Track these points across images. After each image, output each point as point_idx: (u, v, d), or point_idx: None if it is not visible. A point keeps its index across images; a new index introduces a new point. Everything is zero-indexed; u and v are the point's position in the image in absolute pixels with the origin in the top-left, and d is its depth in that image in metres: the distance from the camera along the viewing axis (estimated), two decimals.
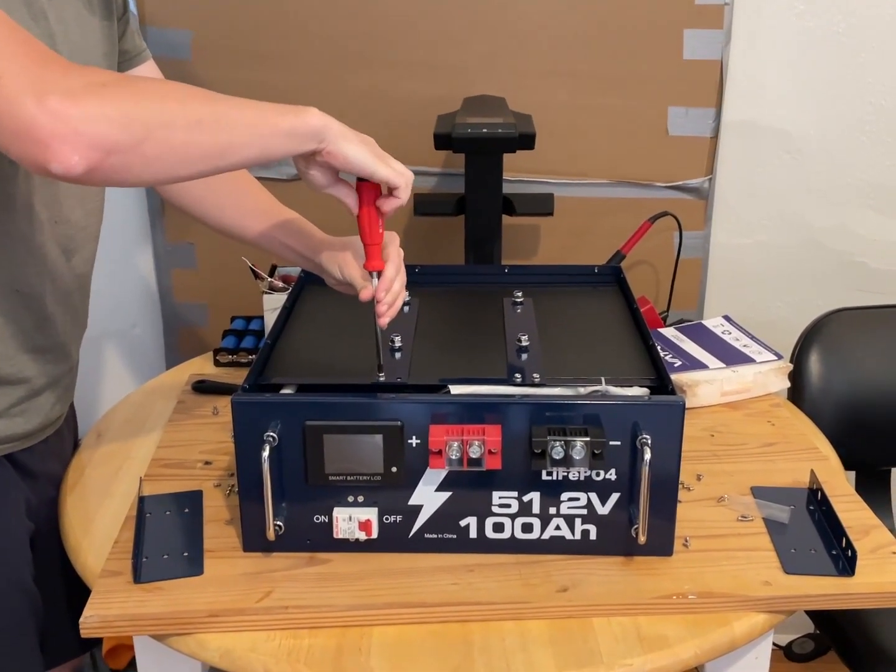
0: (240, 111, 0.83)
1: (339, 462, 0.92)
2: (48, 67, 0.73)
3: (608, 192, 1.65)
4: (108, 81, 0.76)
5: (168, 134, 0.77)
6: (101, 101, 0.73)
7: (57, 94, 0.71)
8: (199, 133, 0.79)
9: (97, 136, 0.72)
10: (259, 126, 0.83)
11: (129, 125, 0.74)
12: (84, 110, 0.72)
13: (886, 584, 0.92)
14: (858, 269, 1.69)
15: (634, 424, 0.91)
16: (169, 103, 0.78)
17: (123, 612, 0.88)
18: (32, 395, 1.04)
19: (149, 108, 0.76)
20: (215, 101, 0.82)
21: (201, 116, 0.79)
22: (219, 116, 0.81)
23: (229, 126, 0.81)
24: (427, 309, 1.18)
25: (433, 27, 1.57)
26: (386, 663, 0.84)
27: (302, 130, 0.84)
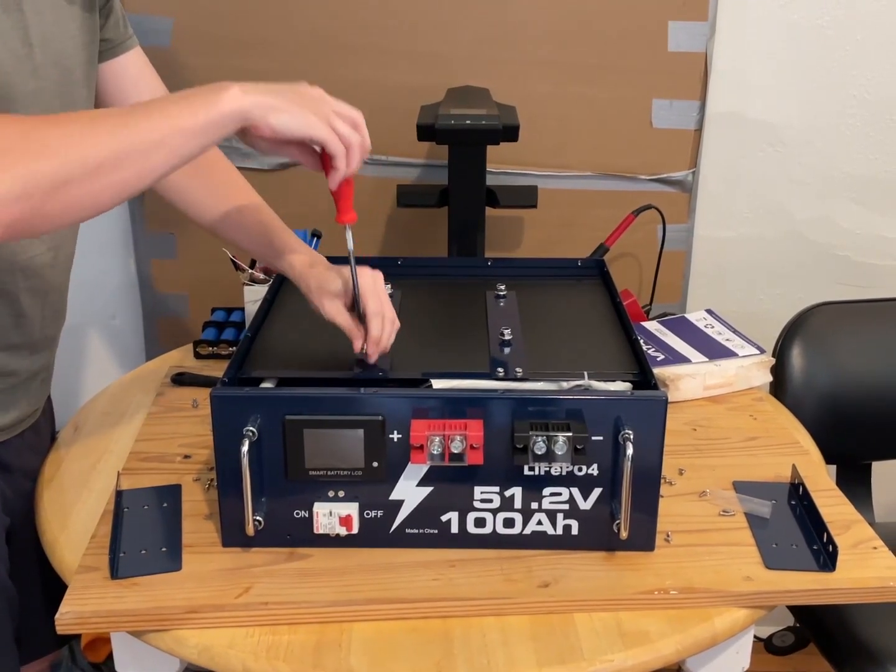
0: (146, 128, 0.78)
1: (320, 457, 0.91)
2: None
3: (592, 185, 1.64)
4: (7, 147, 0.73)
5: (69, 190, 0.75)
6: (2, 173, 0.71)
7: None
8: (101, 178, 0.76)
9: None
10: (168, 138, 0.79)
11: (28, 196, 0.73)
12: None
13: (867, 579, 0.92)
14: (841, 263, 1.69)
15: (617, 419, 0.90)
16: (64, 157, 0.75)
17: (100, 608, 0.87)
18: (8, 390, 1.03)
19: (43, 172, 0.73)
20: (114, 133, 0.77)
21: (100, 160, 0.76)
22: (121, 150, 0.77)
23: (135, 155, 0.77)
24: (409, 302, 1.17)
25: (417, 16, 1.55)
26: (366, 659, 0.84)
27: (217, 121, 0.80)
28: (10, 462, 1.07)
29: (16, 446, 1.08)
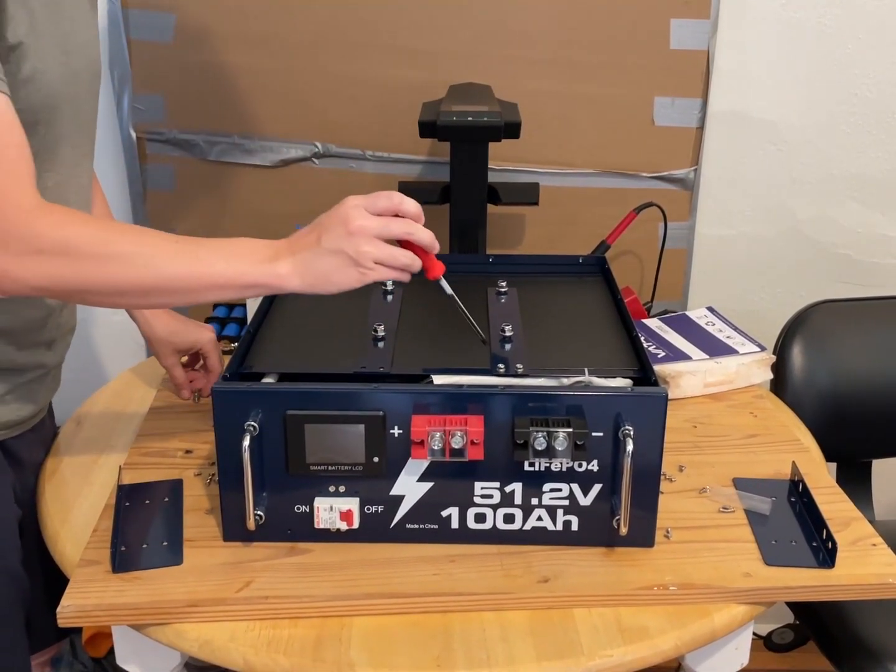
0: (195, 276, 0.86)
1: (321, 452, 0.91)
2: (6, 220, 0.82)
3: (594, 182, 1.64)
4: (43, 245, 0.82)
5: (96, 298, 0.87)
6: (25, 269, 0.83)
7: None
8: (129, 298, 0.88)
9: (16, 292, 0.85)
10: (208, 291, 0.87)
11: (50, 290, 0.86)
12: (7, 274, 0.83)
13: (866, 576, 0.92)
14: (842, 261, 1.69)
15: (617, 415, 0.90)
16: (98, 274, 0.84)
17: (101, 601, 0.87)
18: (28, 383, 1.04)
19: (71, 279, 0.84)
20: (159, 266, 0.85)
21: (135, 286, 0.85)
22: (156, 285, 0.86)
23: (167, 290, 0.86)
24: (411, 298, 1.17)
25: (420, 13, 1.55)
26: (366, 654, 0.84)
27: (258, 290, 0.88)
28: (22, 456, 1.08)
29: (28, 440, 1.09)
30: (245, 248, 0.88)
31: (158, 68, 1.56)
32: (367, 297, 1.17)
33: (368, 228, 0.86)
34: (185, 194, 1.63)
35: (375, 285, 1.18)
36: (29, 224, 0.83)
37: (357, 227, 0.86)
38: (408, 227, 0.88)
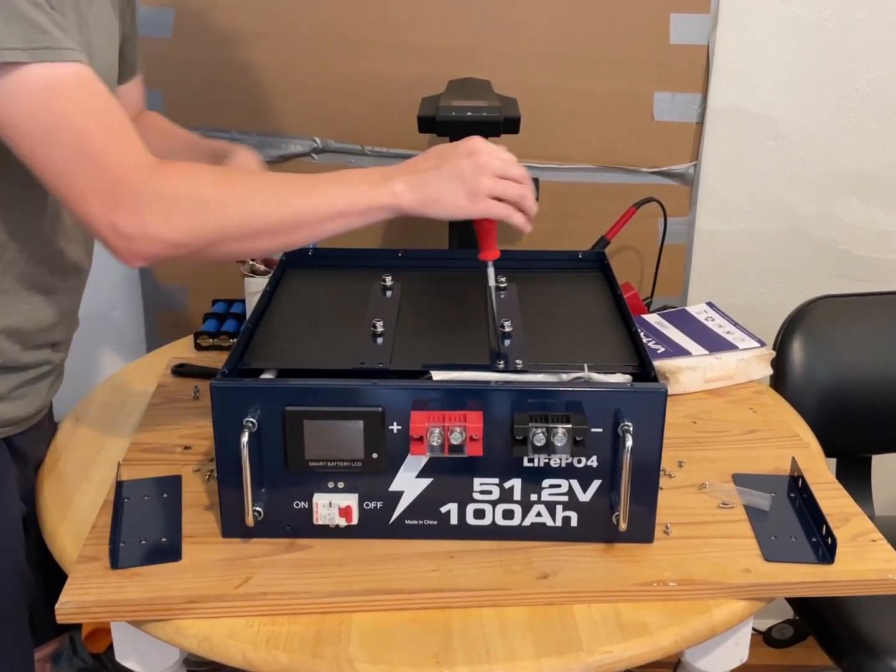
0: (320, 205, 0.87)
1: (320, 448, 0.91)
2: (124, 182, 0.81)
3: (593, 177, 1.64)
4: (175, 197, 0.83)
5: (229, 245, 0.86)
6: (164, 224, 0.82)
7: (126, 217, 0.82)
8: (259, 241, 0.87)
9: (157, 254, 0.84)
10: (332, 219, 0.88)
11: (186, 244, 0.84)
12: (147, 232, 0.82)
13: (865, 572, 0.92)
14: (842, 257, 1.69)
15: (616, 411, 0.90)
16: (230, 218, 0.84)
17: (100, 597, 0.87)
18: (34, 380, 1.04)
19: (208, 228, 0.84)
20: (282, 204, 0.86)
21: (263, 225, 0.86)
22: (283, 222, 0.87)
23: (294, 229, 0.87)
24: (410, 294, 1.17)
25: (419, 8, 1.55)
26: (365, 650, 0.84)
27: (377, 211, 0.88)
28: (27, 453, 1.09)
29: (32, 437, 1.09)
30: (357, 175, 0.89)
31: (157, 64, 1.55)
32: (366, 292, 1.16)
33: (493, 165, 0.90)
34: None
35: (375, 280, 1.18)
36: (155, 181, 0.82)
37: (484, 160, 0.89)
38: (523, 189, 0.92)
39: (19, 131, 0.81)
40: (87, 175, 0.81)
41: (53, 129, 0.80)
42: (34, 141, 0.81)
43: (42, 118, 0.80)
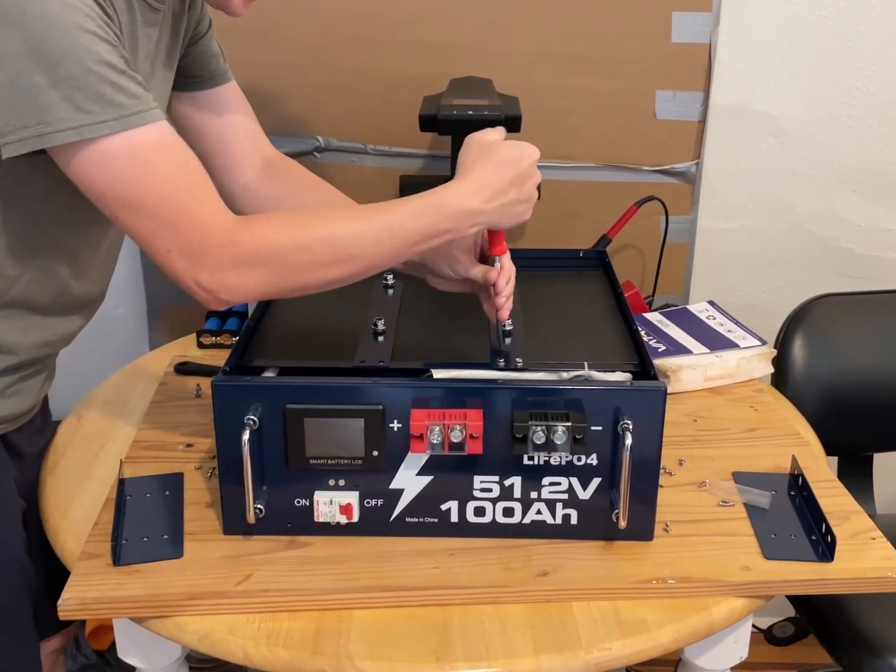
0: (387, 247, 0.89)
1: (320, 445, 0.92)
2: (206, 243, 0.85)
3: (595, 176, 1.64)
4: (254, 258, 0.86)
5: (304, 291, 0.90)
6: (244, 282, 0.86)
7: (208, 275, 0.86)
8: (329, 285, 0.90)
9: (242, 301, 0.90)
10: (417, 244, 0.89)
11: (270, 293, 0.90)
12: (228, 288, 0.86)
13: (865, 570, 0.92)
14: (843, 255, 1.69)
15: (616, 409, 0.90)
16: (308, 276, 0.88)
17: (102, 594, 0.88)
18: (28, 377, 1.05)
19: (286, 284, 0.88)
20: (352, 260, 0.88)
21: (336, 277, 0.89)
22: (353, 272, 0.89)
23: (361, 271, 0.89)
24: (411, 292, 1.17)
25: (420, 7, 1.55)
26: (365, 646, 0.84)
27: (454, 232, 0.89)
28: (23, 448, 1.09)
29: (27, 433, 1.09)
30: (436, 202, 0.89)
31: None
32: (367, 291, 1.17)
33: (535, 169, 0.94)
34: None
35: (376, 279, 1.19)
36: (233, 242, 0.86)
37: (538, 179, 0.94)
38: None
39: (105, 198, 0.84)
40: (171, 236, 0.85)
41: (138, 195, 0.83)
42: (117, 205, 0.84)
43: (127, 187, 0.83)
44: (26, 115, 0.79)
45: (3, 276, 0.96)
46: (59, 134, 0.79)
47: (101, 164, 0.82)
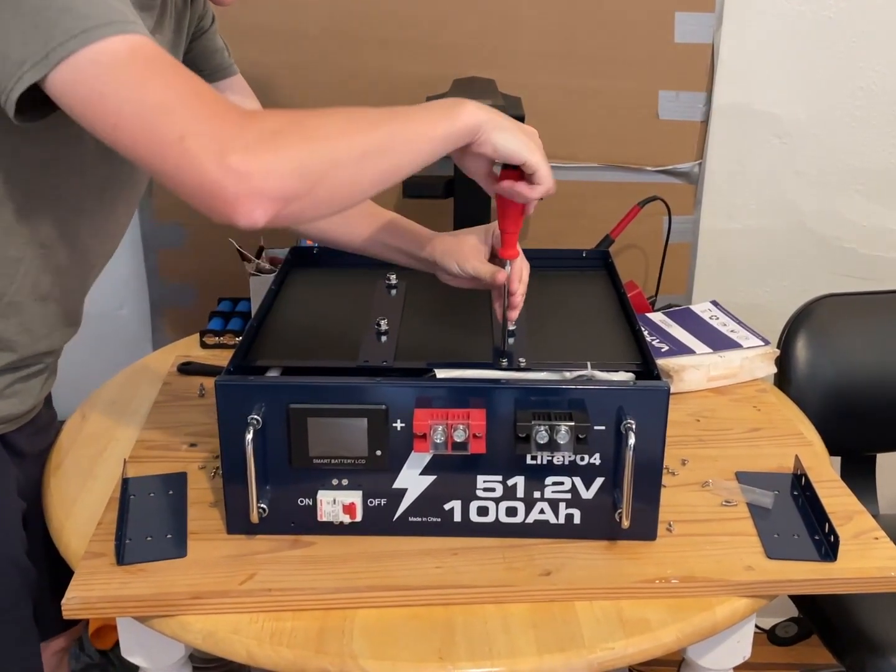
0: (399, 131, 0.84)
1: (324, 445, 0.92)
2: (225, 121, 0.76)
3: (598, 176, 1.64)
4: (279, 128, 0.78)
5: (338, 174, 0.79)
6: (276, 154, 0.76)
7: (237, 153, 0.74)
8: (365, 166, 0.81)
9: (276, 190, 0.76)
10: (418, 141, 0.84)
11: (303, 174, 0.77)
12: (263, 165, 0.75)
13: (868, 570, 0.92)
14: (847, 255, 1.69)
15: (619, 409, 0.91)
16: (336, 142, 0.80)
17: (106, 593, 0.88)
18: (27, 378, 1.05)
19: (319, 153, 0.79)
20: (376, 126, 0.83)
21: (366, 148, 0.81)
22: (381, 143, 0.82)
23: (393, 149, 0.83)
24: (414, 292, 1.17)
25: (423, 7, 1.55)
26: (368, 646, 0.84)
27: (457, 133, 0.85)
28: (24, 448, 1.09)
29: (27, 433, 1.09)
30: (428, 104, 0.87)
31: None
32: (370, 291, 1.17)
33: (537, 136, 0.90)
34: None
35: (380, 279, 1.19)
36: (253, 120, 0.78)
37: (530, 129, 0.90)
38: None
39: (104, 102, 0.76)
40: (184, 115, 0.75)
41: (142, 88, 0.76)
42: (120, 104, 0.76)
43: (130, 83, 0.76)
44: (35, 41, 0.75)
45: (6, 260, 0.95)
46: (65, 45, 0.74)
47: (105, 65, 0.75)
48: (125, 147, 0.77)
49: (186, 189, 0.76)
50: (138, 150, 0.77)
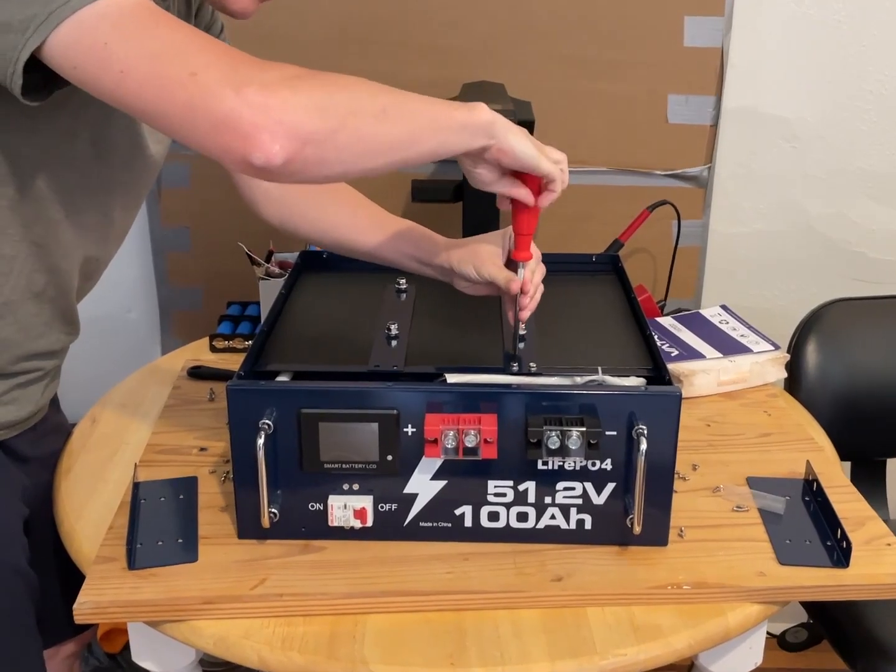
0: (417, 103, 0.83)
1: (335, 450, 0.92)
2: (240, 61, 0.74)
3: (607, 180, 1.64)
4: (299, 74, 0.77)
5: (358, 123, 0.77)
6: (296, 92, 0.74)
7: (254, 85, 0.72)
8: (385, 122, 0.79)
9: (296, 125, 0.73)
10: (437, 118, 0.83)
11: (324, 114, 0.75)
12: (282, 100, 0.73)
13: (880, 576, 0.92)
14: (857, 259, 1.68)
15: (631, 414, 0.90)
16: (357, 92, 0.79)
17: (117, 598, 0.88)
18: (27, 384, 1.04)
19: (340, 98, 0.77)
20: (395, 92, 0.82)
21: (386, 105, 0.80)
22: (401, 106, 0.81)
23: (412, 116, 0.81)
24: (424, 296, 1.17)
25: (433, 11, 1.56)
26: (380, 651, 0.84)
27: (474, 125, 0.84)
28: (27, 453, 1.09)
29: (30, 438, 1.09)
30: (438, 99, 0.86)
31: None
32: (379, 295, 1.17)
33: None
34: (199, 190, 1.63)
35: (389, 283, 1.19)
36: (268, 64, 0.76)
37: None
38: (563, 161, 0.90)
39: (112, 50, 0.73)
40: (194, 53, 0.73)
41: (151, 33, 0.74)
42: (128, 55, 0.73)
43: (140, 32, 0.74)
44: (36, 4, 0.73)
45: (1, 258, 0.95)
46: (68, 4, 0.72)
47: (111, 16, 0.73)
48: (132, 96, 0.74)
49: (199, 128, 0.73)
50: (146, 94, 0.73)
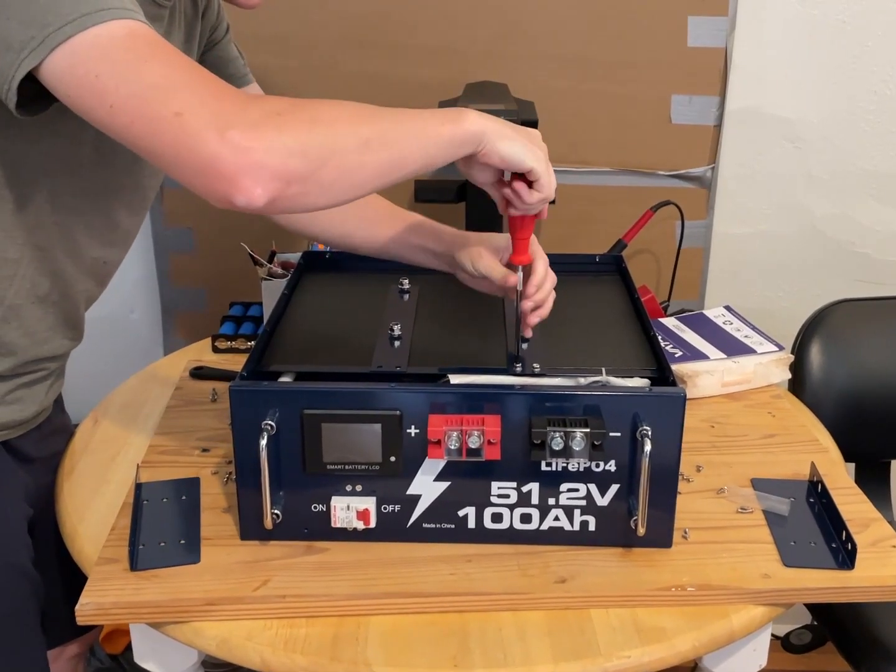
0: (403, 125, 0.83)
1: (338, 451, 0.92)
2: (225, 100, 0.75)
3: (610, 181, 1.64)
4: (282, 110, 0.77)
5: (341, 159, 0.78)
6: (279, 132, 0.74)
7: (238, 128, 0.73)
8: (369, 153, 0.80)
9: (278, 168, 0.74)
10: (422, 138, 0.83)
11: (306, 154, 0.76)
12: (265, 142, 0.73)
13: (886, 578, 0.92)
14: (861, 260, 1.68)
15: (635, 415, 0.90)
16: (339, 127, 0.79)
17: (120, 599, 0.88)
18: (31, 384, 1.04)
19: (322, 135, 0.77)
20: (380, 118, 0.83)
21: (369, 136, 0.80)
22: (385, 134, 0.82)
23: (396, 142, 0.82)
24: (427, 297, 1.17)
25: (435, 12, 1.55)
26: (383, 653, 0.84)
27: (461, 137, 0.84)
28: (31, 453, 1.09)
29: (34, 438, 1.09)
30: (429, 111, 0.87)
31: None
32: (382, 295, 1.17)
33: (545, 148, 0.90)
34: None
35: (392, 283, 1.18)
36: (253, 100, 0.77)
37: (535, 132, 0.90)
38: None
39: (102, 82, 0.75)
40: (182, 92, 0.74)
41: (139, 68, 0.75)
42: (117, 85, 0.75)
43: (127, 66, 0.75)
44: (33, 27, 0.74)
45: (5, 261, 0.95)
46: (62, 29, 0.74)
47: (103, 47, 0.74)
48: (122, 129, 0.76)
49: (184, 167, 0.74)
50: (135, 130, 0.75)
